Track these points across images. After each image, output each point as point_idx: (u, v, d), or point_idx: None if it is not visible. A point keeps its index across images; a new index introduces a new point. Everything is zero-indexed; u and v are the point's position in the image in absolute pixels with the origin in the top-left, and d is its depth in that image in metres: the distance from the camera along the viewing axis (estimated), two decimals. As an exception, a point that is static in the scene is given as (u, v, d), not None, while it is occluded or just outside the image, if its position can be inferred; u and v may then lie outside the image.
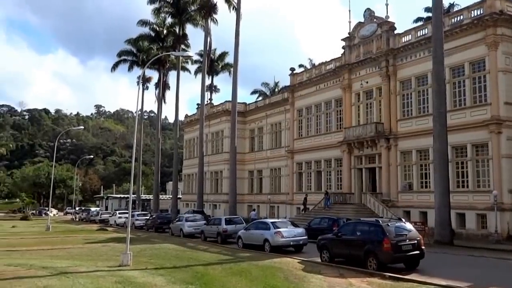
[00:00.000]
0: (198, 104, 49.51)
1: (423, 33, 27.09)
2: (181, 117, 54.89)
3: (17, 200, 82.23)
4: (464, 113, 24.22)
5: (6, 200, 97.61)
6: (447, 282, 11.01)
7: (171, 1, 42.77)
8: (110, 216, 45.82)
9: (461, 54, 24.42)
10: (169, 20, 45.78)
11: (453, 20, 25.41)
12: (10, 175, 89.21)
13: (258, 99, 51.76)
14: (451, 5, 40.68)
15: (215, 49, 51.50)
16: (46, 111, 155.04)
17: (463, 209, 23.20)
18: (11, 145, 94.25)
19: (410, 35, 28.03)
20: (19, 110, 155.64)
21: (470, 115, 23.88)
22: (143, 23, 45.79)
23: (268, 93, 57.02)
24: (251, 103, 46.53)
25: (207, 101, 51.06)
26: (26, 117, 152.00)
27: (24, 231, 34.56)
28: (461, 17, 24.91)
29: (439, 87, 21.42)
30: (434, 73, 22.00)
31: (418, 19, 41.93)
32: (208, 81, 51.03)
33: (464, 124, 23.81)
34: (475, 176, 23.51)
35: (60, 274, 12.01)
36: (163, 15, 44.59)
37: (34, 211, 68.30)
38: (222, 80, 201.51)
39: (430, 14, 35.23)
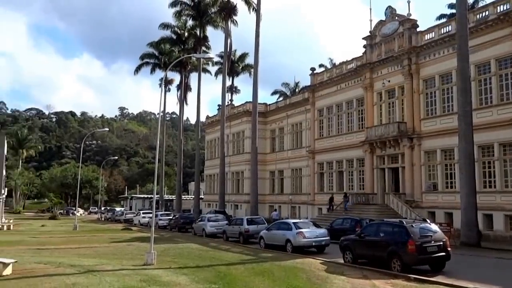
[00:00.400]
0: (219, 105, 49.93)
1: (447, 30, 26.51)
2: (202, 118, 55.44)
3: (46, 200, 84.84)
4: (491, 111, 23.54)
5: (35, 200, 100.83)
6: (474, 285, 10.78)
7: (192, 4, 43.39)
8: (134, 216, 46.78)
9: (487, 50, 23.75)
10: (190, 22, 46.53)
11: (478, 16, 24.76)
12: (39, 176, 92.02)
13: (278, 100, 51.77)
14: (476, 1, 39.70)
15: (235, 50, 51.86)
16: (72, 113, 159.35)
17: (491, 210, 22.56)
18: (39, 147, 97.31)
19: (433, 33, 27.47)
20: (46, 113, 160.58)
21: (497, 113, 23.19)
22: (164, 26, 46.67)
23: (288, 93, 56.97)
24: (271, 104, 46.57)
25: (228, 102, 51.45)
26: (54, 119, 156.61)
27: (53, 230, 35.74)
28: (487, 12, 24.24)
29: (464, 85, 20.92)
30: (459, 71, 21.49)
31: (441, 16, 41.11)
32: (228, 82, 51.47)
33: (490, 123, 23.16)
34: (503, 176, 22.82)
35: (87, 272, 12.40)
36: (184, 17, 45.30)
37: (61, 211, 70.36)
38: (243, 81, 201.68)
39: (453, 11, 34.51)
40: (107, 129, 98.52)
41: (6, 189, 54.79)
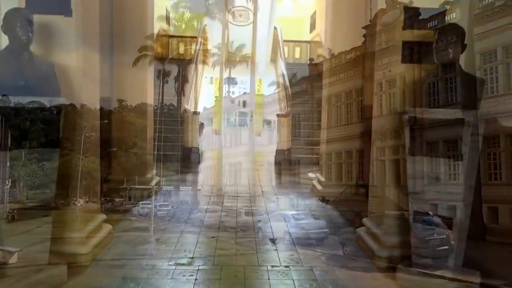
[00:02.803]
0: (216, 97, 49.36)
1: (451, 18, 25.81)
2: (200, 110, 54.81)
3: (48, 190, 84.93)
4: (497, 101, 22.81)
5: (38, 190, 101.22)
6: (477, 279, 10.32)
7: (189, -5, 42.81)
8: (133, 206, 46.68)
9: (493, 38, 23.06)
10: (187, 14, 46.11)
11: (484, 2, 24.03)
12: (41, 167, 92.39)
13: (276, 91, 51.05)
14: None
15: (232, 42, 51.30)
16: (72, 106, 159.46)
17: (496, 203, 21.90)
18: (42, 139, 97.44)
19: (436, 20, 26.76)
20: (48, 106, 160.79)
21: (504, 102, 22.50)
22: (162, 18, 46.20)
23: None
24: (269, 95, 45.96)
25: (225, 94, 50.92)
26: (55, 112, 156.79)
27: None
28: (493, -1, 23.53)
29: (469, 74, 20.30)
30: (465, 60, 20.86)
31: (445, 3, 40.26)
32: (226, 74, 50.89)
33: (497, 113, 22.41)
34: (509, 168, 22.21)
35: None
36: (181, 10, 45.00)
37: (62, 201, 70.34)
38: (240, 72, 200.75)
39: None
40: (106, 121, 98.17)
41: (10, 180, 54.75)
